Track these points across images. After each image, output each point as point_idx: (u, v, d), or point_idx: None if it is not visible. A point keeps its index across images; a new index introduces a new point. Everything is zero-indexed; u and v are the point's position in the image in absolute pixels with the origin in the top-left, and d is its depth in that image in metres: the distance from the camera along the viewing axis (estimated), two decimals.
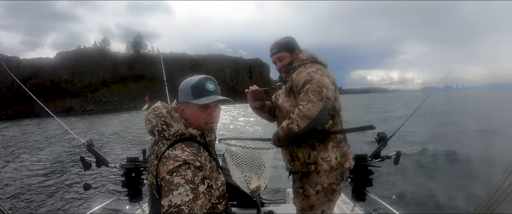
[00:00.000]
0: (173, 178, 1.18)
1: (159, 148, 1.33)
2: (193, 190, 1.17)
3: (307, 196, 2.00)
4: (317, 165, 1.95)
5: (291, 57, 2.08)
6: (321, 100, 1.80)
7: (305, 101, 1.82)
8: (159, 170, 1.26)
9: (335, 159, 1.94)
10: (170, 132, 1.33)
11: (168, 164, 1.22)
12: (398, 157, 2.41)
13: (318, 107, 1.79)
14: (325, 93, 1.83)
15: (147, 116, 1.38)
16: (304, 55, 2.06)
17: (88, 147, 2.34)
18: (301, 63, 2.04)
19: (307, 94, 1.82)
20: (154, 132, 1.34)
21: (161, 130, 1.33)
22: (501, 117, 20.88)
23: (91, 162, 2.35)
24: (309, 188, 1.98)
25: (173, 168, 1.20)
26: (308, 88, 1.83)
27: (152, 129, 1.35)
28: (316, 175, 1.97)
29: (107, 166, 2.37)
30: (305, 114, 1.79)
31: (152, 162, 1.35)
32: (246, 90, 2.16)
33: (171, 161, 1.22)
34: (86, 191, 2.32)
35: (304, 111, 1.79)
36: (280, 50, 2.09)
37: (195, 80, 1.37)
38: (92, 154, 2.36)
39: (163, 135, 1.33)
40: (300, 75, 1.93)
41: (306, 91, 1.84)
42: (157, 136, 1.34)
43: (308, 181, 1.99)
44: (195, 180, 1.20)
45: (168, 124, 1.33)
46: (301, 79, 1.90)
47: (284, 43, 2.10)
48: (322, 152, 1.94)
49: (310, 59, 2.03)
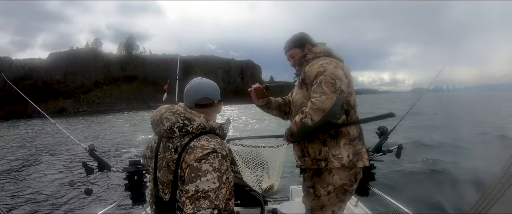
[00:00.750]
0: (202, 165, 1.21)
1: (180, 141, 1.34)
2: (219, 178, 1.20)
3: (317, 196, 1.94)
4: (327, 162, 1.87)
5: (302, 52, 2.06)
6: (334, 92, 1.75)
7: (318, 93, 1.76)
8: (184, 160, 1.28)
9: (347, 157, 1.86)
10: (193, 126, 1.35)
11: (196, 152, 1.25)
12: (399, 150, 2.42)
13: (332, 99, 1.73)
14: (338, 86, 1.78)
15: (163, 115, 1.38)
16: (318, 48, 2.02)
17: (90, 152, 2.34)
18: (314, 56, 2.00)
19: (321, 86, 1.77)
20: (174, 129, 1.34)
21: (183, 125, 1.34)
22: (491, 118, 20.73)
23: (93, 166, 2.35)
24: (320, 188, 1.91)
25: (202, 155, 1.23)
26: (321, 80, 1.78)
27: (171, 126, 1.35)
28: (328, 175, 1.89)
29: (109, 170, 2.37)
30: (319, 106, 1.73)
31: (167, 157, 1.35)
32: (249, 89, 2.16)
33: (199, 150, 1.25)
34: (88, 195, 2.27)
35: (317, 103, 1.73)
36: (290, 47, 2.10)
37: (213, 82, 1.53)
38: (94, 159, 2.36)
39: (185, 129, 1.34)
40: (313, 67, 1.89)
41: (319, 83, 1.78)
42: (178, 132, 1.35)
43: (319, 180, 1.92)
44: (221, 169, 1.23)
45: (190, 119, 1.36)
46: (314, 71, 1.86)
47: (294, 40, 2.09)
48: (333, 148, 1.87)
49: (324, 52, 2.00)
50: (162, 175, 1.37)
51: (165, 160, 1.36)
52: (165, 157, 1.36)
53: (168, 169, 1.34)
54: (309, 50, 2.03)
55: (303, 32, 2.13)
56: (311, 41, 2.07)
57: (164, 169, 1.37)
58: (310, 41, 2.06)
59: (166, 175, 1.35)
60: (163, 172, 1.36)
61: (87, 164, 2.29)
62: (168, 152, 1.36)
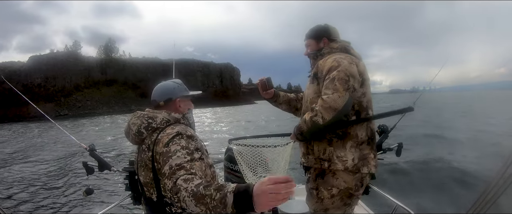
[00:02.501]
0: (169, 147, 1.30)
1: (150, 139, 1.42)
2: (189, 154, 1.28)
3: (321, 199, 1.88)
4: (331, 163, 1.81)
5: (317, 45, 2.02)
6: (347, 90, 1.68)
7: (330, 90, 1.69)
8: (156, 151, 1.35)
9: (352, 161, 1.79)
10: (157, 121, 1.44)
11: (162, 140, 1.35)
12: (400, 149, 2.39)
13: (344, 98, 1.67)
14: (352, 83, 1.71)
15: (130, 122, 1.49)
16: (336, 44, 1.96)
17: (90, 151, 2.33)
18: (330, 51, 1.93)
19: (333, 82, 1.69)
20: (141, 131, 1.43)
21: (147, 124, 1.43)
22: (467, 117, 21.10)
23: (94, 166, 2.33)
24: (324, 190, 1.86)
25: (168, 139, 1.34)
26: (334, 76, 1.70)
27: (138, 128, 1.44)
28: (332, 177, 1.83)
29: (109, 170, 2.35)
30: (330, 105, 1.66)
31: (143, 158, 1.42)
32: (256, 82, 2.20)
33: (165, 137, 1.36)
34: (88, 195, 2.28)
35: (329, 101, 1.66)
36: (307, 37, 2.07)
37: (178, 81, 1.67)
38: (95, 159, 2.34)
39: (151, 127, 1.43)
40: (327, 61, 1.83)
41: (332, 79, 1.70)
42: (146, 132, 1.43)
43: (323, 182, 1.87)
44: (190, 146, 1.32)
45: (152, 117, 1.46)
46: (327, 65, 1.79)
47: (313, 30, 2.04)
48: (339, 149, 1.81)
49: (341, 48, 1.93)
50: (144, 177, 1.43)
51: (142, 161, 1.43)
52: (142, 159, 1.43)
53: (147, 168, 1.41)
54: (325, 44, 1.98)
55: (326, 24, 2.05)
56: (330, 35, 2.00)
57: (144, 170, 1.43)
58: (329, 35, 2.00)
59: (147, 175, 1.41)
60: (145, 173, 1.42)
61: (87, 163, 2.28)
62: (143, 153, 1.43)
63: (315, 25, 2.07)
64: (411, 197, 5.59)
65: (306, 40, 2.09)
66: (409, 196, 5.70)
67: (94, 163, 2.33)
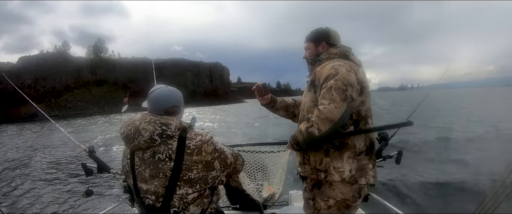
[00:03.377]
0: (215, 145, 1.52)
1: (169, 148, 1.43)
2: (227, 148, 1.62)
3: (317, 209, 1.86)
4: (327, 174, 1.79)
5: (315, 49, 1.98)
6: (345, 100, 1.64)
7: (327, 100, 1.65)
8: (192, 160, 1.43)
9: (349, 172, 1.75)
10: (172, 129, 1.44)
11: (204, 147, 1.47)
12: (400, 156, 2.38)
13: (341, 109, 1.62)
14: (349, 93, 1.67)
15: (140, 126, 1.44)
16: (335, 49, 1.91)
17: (89, 153, 2.32)
18: (328, 57, 1.89)
19: (330, 92, 1.65)
20: (154, 138, 1.41)
21: (162, 131, 1.42)
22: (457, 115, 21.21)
23: (93, 168, 2.32)
24: (321, 201, 1.84)
25: (213, 147, 1.51)
26: (332, 85, 1.66)
27: (151, 135, 1.41)
28: (328, 188, 1.81)
29: (108, 171, 2.35)
30: (327, 116, 1.62)
31: (160, 168, 1.42)
32: (252, 88, 2.18)
33: (205, 145, 1.47)
34: (88, 197, 2.27)
35: (325, 112, 1.62)
36: (306, 40, 2.03)
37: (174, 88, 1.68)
38: (94, 160, 2.33)
39: (166, 134, 1.42)
40: (324, 68, 1.79)
41: (329, 88, 1.67)
42: (160, 139, 1.41)
43: (319, 193, 1.85)
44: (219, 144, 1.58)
45: (167, 124, 1.45)
46: (324, 72, 1.75)
47: (312, 33, 2.01)
48: (336, 160, 1.78)
49: (340, 54, 1.89)
50: (154, 186, 1.43)
51: (156, 170, 1.42)
52: (158, 168, 1.42)
53: (163, 178, 1.42)
54: (324, 48, 1.96)
55: (327, 28, 2.01)
56: (330, 39, 1.96)
57: (154, 179, 1.42)
58: (328, 39, 1.96)
59: (161, 185, 1.42)
60: (158, 183, 1.42)
61: (86, 165, 2.27)
62: (161, 163, 1.41)
63: (316, 28, 2.03)
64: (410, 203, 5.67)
65: (305, 43, 2.04)
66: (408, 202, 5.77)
67: (93, 165, 2.32)
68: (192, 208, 1.48)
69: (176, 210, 1.44)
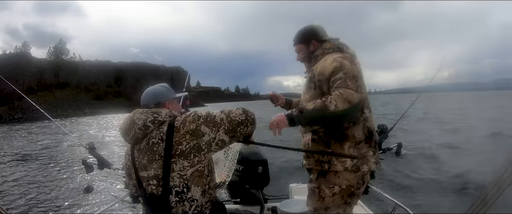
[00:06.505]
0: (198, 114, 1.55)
1: (161, 130, 1.50)
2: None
3: (322, 197, 1.89)
4: (330, 165, 1.83)
5: (307, 48, 1.99)
6: (357, 90, 1.65)
7: (342, 88, 1.64)
8: (180, 135, 1.46)
9: (351, 161, 1.81)
10: (162, 115, 1.54)
11: (188, 119, 1.51)
12: (399, 149, 2.42)
13: (359, 96, 1.64)
14: (359, 83, 1.69)
15: (134, 117, 1.55)
16: (328, 44, 1.93)
17: (90, 149, 2.33)
18: (323, 52, 1.91)
19: (346, 82, 1.65)
20: (148, 124, 1.50)
21: (153, 118, 1.51)
22: None
23: (93, 164, 2.33)
24: (326, 188, 1.87)
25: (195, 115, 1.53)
26: (344, 77, 1.67)
27: (144, 122, 1.51)
28: (334, 175, 1.85)
29: (109, 168, 2.37)
30: (347, 97, 1.61)
31: (154, 151, 1.48)
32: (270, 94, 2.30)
33: (188, 117, 1.52)
34: (88, 193, 2.28)
35: (345, 94, 1.61)
36: (295, 43, 2.04)
37: (166, 85, 1.79)
38: (94, 157, 2.34)
39: (157, 120, 1.51)
40: (326, 62, 1.79)
41: (343, 80, 1.66)
42: (152, 125, 1.50)
43: (325, 181, 1.88)
44: None
45: (156, 112, 1.55)
46: (328, 67, 1.75)
47: (300, 35, 2.01)
48: (337, 151, 1.82)
49: (334, 48, 1.90)
50: (153, 170, 1.48)
51: (152, 154, 1.48)
52: (153, 152, 1.48)
53: (159, 159, 1.46)
54: (315, 46, 1.97)
55: (312, 25, 2.01)
56: (318, 36, 1.97)
57: (152, 163, 1.48)
58: (317, 36, 1.97)
59: (159, 167, 1.46)
60: (157, 166, 1.47)
61: (87, 161, 2.29)
62: (155, 146, 1.48)
63: (300, 29, 2.03)
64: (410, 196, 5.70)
65: (296, 46, 2.05)
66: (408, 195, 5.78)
67: (93, 161, 2.33)
68: (193, 188, 1.49)
69: (178, 190, 1.47)
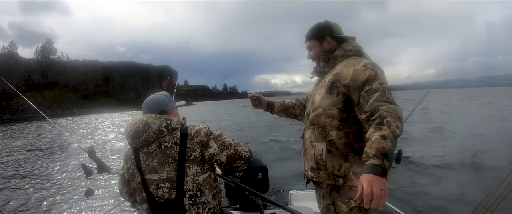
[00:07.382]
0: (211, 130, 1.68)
1: (174, 136, 1.61)
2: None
3: None
4: (346, 180, 1.69)
5: (320, 46, 1.87)
6: (395, 102, 1.50)
7: (385, 103, 1.46)
8: (194, 142, 1.59)
9: None
10: (173, 123, 1.65)
11: (202, 130, 1.64)
12: (399, 156, 2.31)
13: (401, 110, 1.47)
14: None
15: (148, 121, 1.62)
16: (349, 45, 1.80)
17: (89, 153, 2.30)
18: (344, 54, 1.78)
19: (385, 95, 1.49)
20: (162, 129, 1.60)
21: (167, 124, 1.62)
22: None
23: (93, 168, 2.33)
24: (342, 204, 1.72)
25: (209, 130, 1.66)
26: (383, 88, 1.51)
27: (159, 127, 1.60)
28: (348, 189, 1.70)
29: (109, 172, 2.36)
30: (397, 114, 1.43)
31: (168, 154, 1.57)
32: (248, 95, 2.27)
33: (202, 129, 1.64)
34: (88, 197, 2.28)
35: (395, 112, 1.43)
36: (307, 39, 1.93)
37: (166, 93, 1.89)
38: (94, 161, 2.32)
39: (171, 127, 1.62)
40: (355, 68, 1.63)
41: (382, 91, 1.50)
42: (166, 131, 1.60)
43: (339, 196, 1.74)
44: None
45: (168, 119, 1.66)
46: (360, 74, 1.58)
47: (313, 31, 1.89)
48: (355, 165, 1.67)
49: (355, 51, 1.78)
50: (166, 173, 1.54)
51: (165, 157, 1.56)
52: (166, 155, 1.56)
53: (172, 163, 1.55)
54: (329, 44, 1.84)
55: (327, 21, 1.88)
56: (333, 32, 1.84)
57: (164, 166, 1.55)
58: (332, 32, 1.84)
59: (172, 169, 1.54)
60: (170, 168, 1.54)
61: (86, 165, 2.29)
62: (168, 150, 1.56)
63: (313, 25, 1.90)
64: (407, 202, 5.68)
65: (307, 42, 1.93)
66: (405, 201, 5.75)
67: (93, 165, 2.33)
68: (206, 192, 1.56)
69: (191, 194, 1.53)
